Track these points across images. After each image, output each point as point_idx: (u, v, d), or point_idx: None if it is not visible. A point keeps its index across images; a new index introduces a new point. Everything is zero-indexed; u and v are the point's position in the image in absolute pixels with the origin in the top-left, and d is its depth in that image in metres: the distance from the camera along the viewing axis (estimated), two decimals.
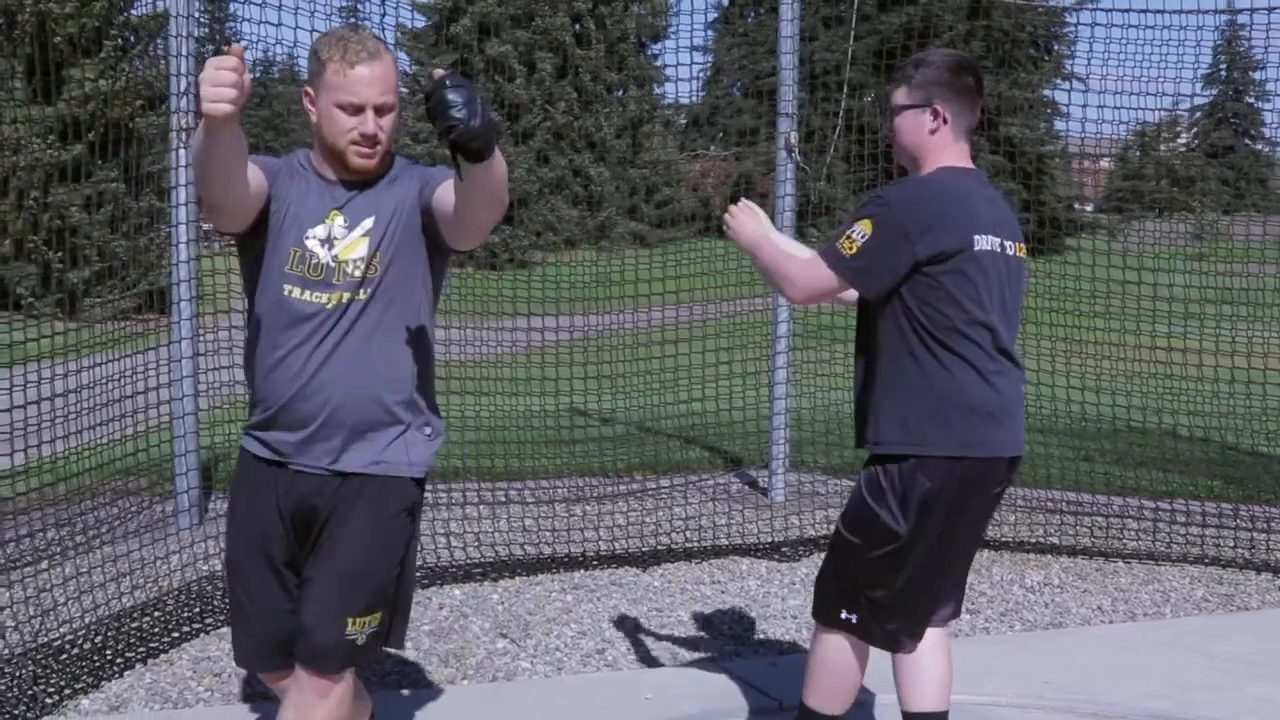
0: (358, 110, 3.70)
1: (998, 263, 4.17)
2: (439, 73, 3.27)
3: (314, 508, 3.85)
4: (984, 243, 4.12)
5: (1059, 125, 28.62)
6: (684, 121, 28.35)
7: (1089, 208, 27.28)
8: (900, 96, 4.26)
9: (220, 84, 3.23)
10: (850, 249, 4.09)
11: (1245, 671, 5.94)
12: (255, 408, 3.91)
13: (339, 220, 3.81)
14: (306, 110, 3.79)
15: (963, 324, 4.10)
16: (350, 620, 3.81)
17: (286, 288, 3.79)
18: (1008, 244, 4.20)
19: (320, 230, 3.81)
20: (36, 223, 14.26)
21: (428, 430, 3.96)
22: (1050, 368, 9.63)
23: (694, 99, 30.07)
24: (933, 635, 4.44)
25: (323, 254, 3.78)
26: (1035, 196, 24.47)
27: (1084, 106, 9.94)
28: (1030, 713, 5.46)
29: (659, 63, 31.63)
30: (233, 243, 4.00)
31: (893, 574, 4.22)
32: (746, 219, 4.48)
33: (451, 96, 3.21)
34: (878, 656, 4.44)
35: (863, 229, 4.08)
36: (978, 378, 4.13)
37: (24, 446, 6.50)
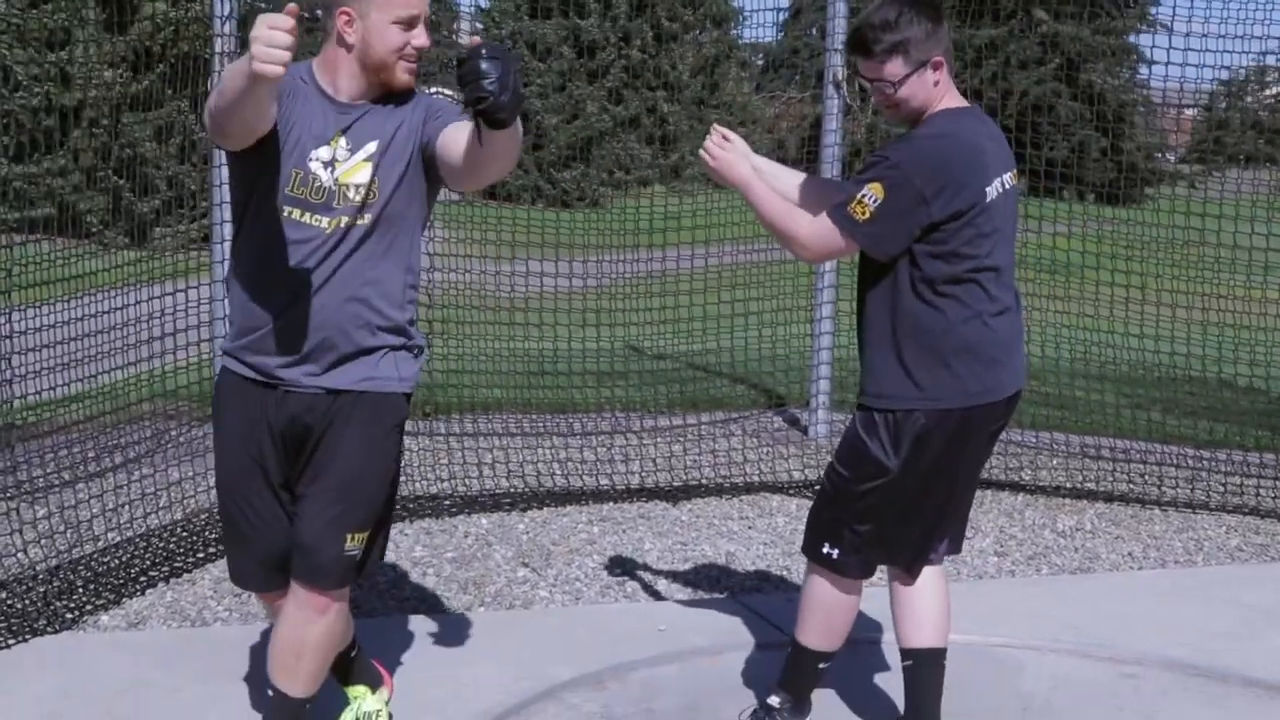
0: (413, 23, 3.73)
1: (1004, 202, 4.13)
2: (475, 39, 3.30)
3: (306, 426, 3.88)
4: (994, 191, 4.07)
5: (1142, 72, 28.26)
6: (760, 62, 28.17)
7: (1171, 158, 26.90)
8: (896, 68, 4.09)
9: (274, 44, 3.19)
10: (863, 214, 4.02)
11: (1270, 621, 5.89)
12: (241, 329, 3.91)
13: (342, 142, 3.81)
14: (340, 30, 3.74)
15: (967, 272, 4.07)
16: (349, 536, 3.87)
17: (287, 209, 3.79)
18: (1006, 178, 4.15)
19: (324, 152, 3.80)
20: (108, 152, 14.36)
21: (415, 347, 4.01)
22: (1110, 314, 9.54)
23: (771, 40, 29.87)
24: (929, 572, 4.42)
25: (325, 176, 3.79)
26: (1114, 143, 24.16)
27: (1177, 50, 9.64)
28: (1045, 655, 5.43)
29: (737, 2, 31.43)
30: (223, 161, 4.02)
31: (880, 509, 4.21)
32: (730, 156, 4.34)
33: (485, 67, 3.23)
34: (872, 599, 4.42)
35: (874, 193, 4.01)
36: (980, 324, 4.10)
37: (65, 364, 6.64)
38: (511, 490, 7.63)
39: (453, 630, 5.40)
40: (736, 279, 10.14)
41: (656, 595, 6.21)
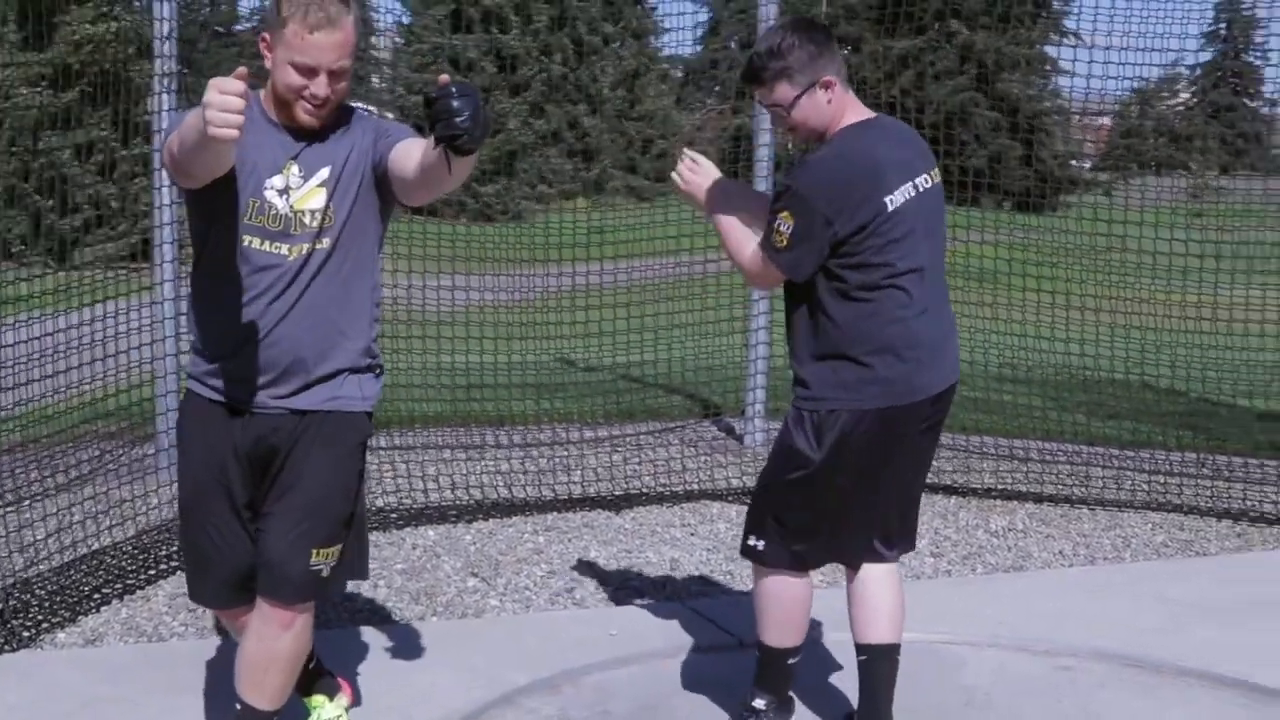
0: (311, 72, 3.75)
1: (917, 205, 4.28)
2: (444, 78, 3.37)
3: (272, 446, 3.96)
4: (899, 198, 4.22)
5: (1056, 82, 28.73)
6: (681, 74, 28.39)
7: (1087, 165, 27.37)
8: (786, 92, 4.25)
9: (229, 109, 3.26)
10: (781, 242, 4.20)
11: (1197, 615, 6.08)
12: (207, 355, 3.99)
13: (294, 170, 3.88)
14: (262, 54, 3.84)
15: (884, 278, 4.23)
16: (315, 551, 3.95)
17: (246, 239, 3.86)
18: (920, 180, 4.30)
19: (278, 180, 3.87)
20: (28, 170, 14.34)
21: (377, 367, 4.12)
22: (1036, 319, 9.80)
23: (691, 52, 30.08)
24: (882, 570, 4.57)
25: (280, 204, 3.85)
26: (1032, 153, 24.56)
27: (1083, 62, 9.95)
28: (984, 651, 5.60)
29: (657, 15, 31.64)
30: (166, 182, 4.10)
31: (803, 502, 4.39)
32: (700, 180, 4.48)
33: (457, 105, 3.32)
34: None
35: (785, 221, 4.19)
36: (901, 326, 4.26)
37: (12, 385, 6.66)
38: (457, 502, 7.74)
39: (407, 640, 5.50)
40: (664, 292, 10.29)
41: (605, 602, 6.33)
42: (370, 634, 5.62)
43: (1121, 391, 10.42)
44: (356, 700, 4.79)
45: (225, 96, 3.26)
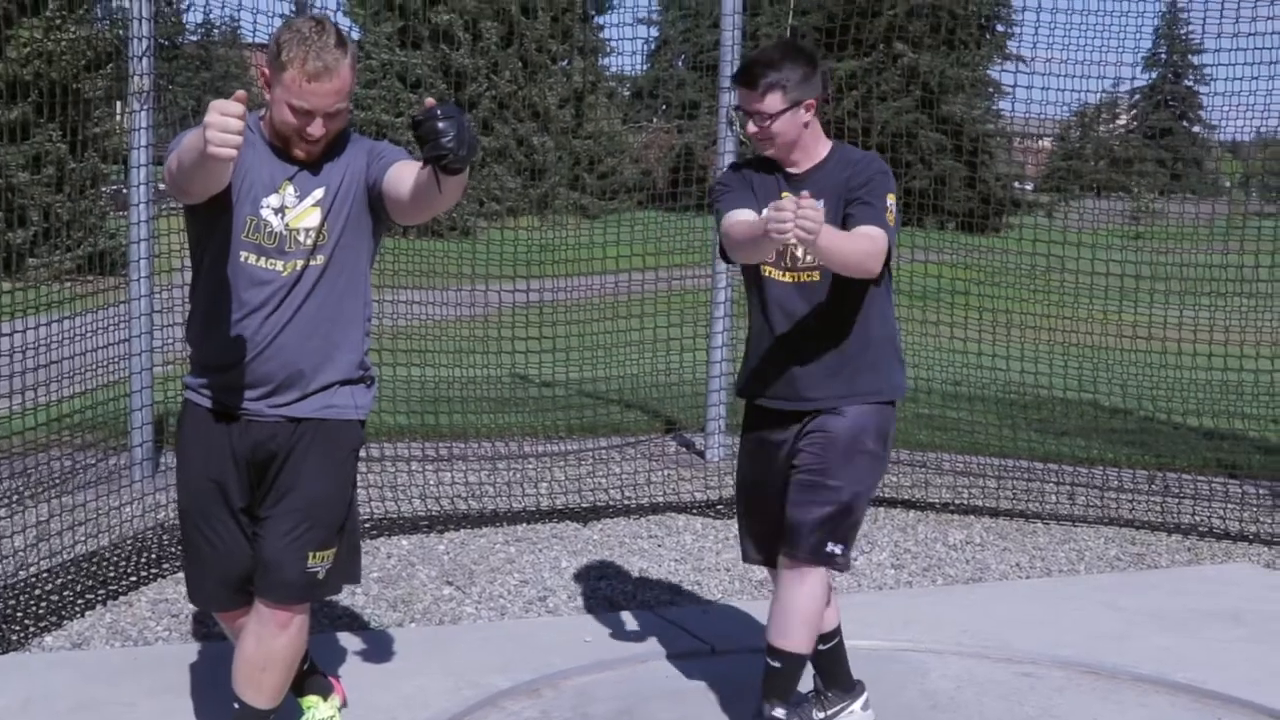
0: (307, 115, 3.90)
1: None
2: (430, 102, 3.53)
3: (270, 452, 4.12)
4: None
5: (1001, 105, 29.08)
6: (628, 93, 28.53)
7: (1029, 187, 27.74)
8: (774, 103, 4.43)
9: (228, 130, 3.43)
10: (891, 220, 4.42)
11: (1150, 623, 6.29)
12: (205, 366, 4.16)
13: (290, 190, 4.03)
14: (261, 85, 3.99)
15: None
16: (311, 554, 4.11)
17: (243, 255, 4.01)
18: None
19: (274, 199, 4.02)
20: None
21: (368, 378, 4.28)
22: (978, 338, 10.04)
23: (638, 71, 30.22)
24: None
25: (276, 222, 4.01)
26: (975, 174, 24.84)
27: (1027, 87, 10.22)
28: (946, 658, 5.77)
29: (604, 34, 31.82)
30: (179, 207, 4.26)
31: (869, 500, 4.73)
32: (816, 215, 4.04)
33: (443, 126, 3.48)
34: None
35: (891, 199, 4.44)
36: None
37: None
38: (428, 513, 7.89)
39: (389, 646, 5.64)
40: (614, 309, 10.43)
41: (578, 610, 6.49)
42: (352, 639, 5.75)
43: (1071, 409, 10.68)
44: (346, 702, 4.94)
45: (225, 118, 3.43)
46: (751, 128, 4.53)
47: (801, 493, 4.53)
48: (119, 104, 7.81)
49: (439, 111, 3.51)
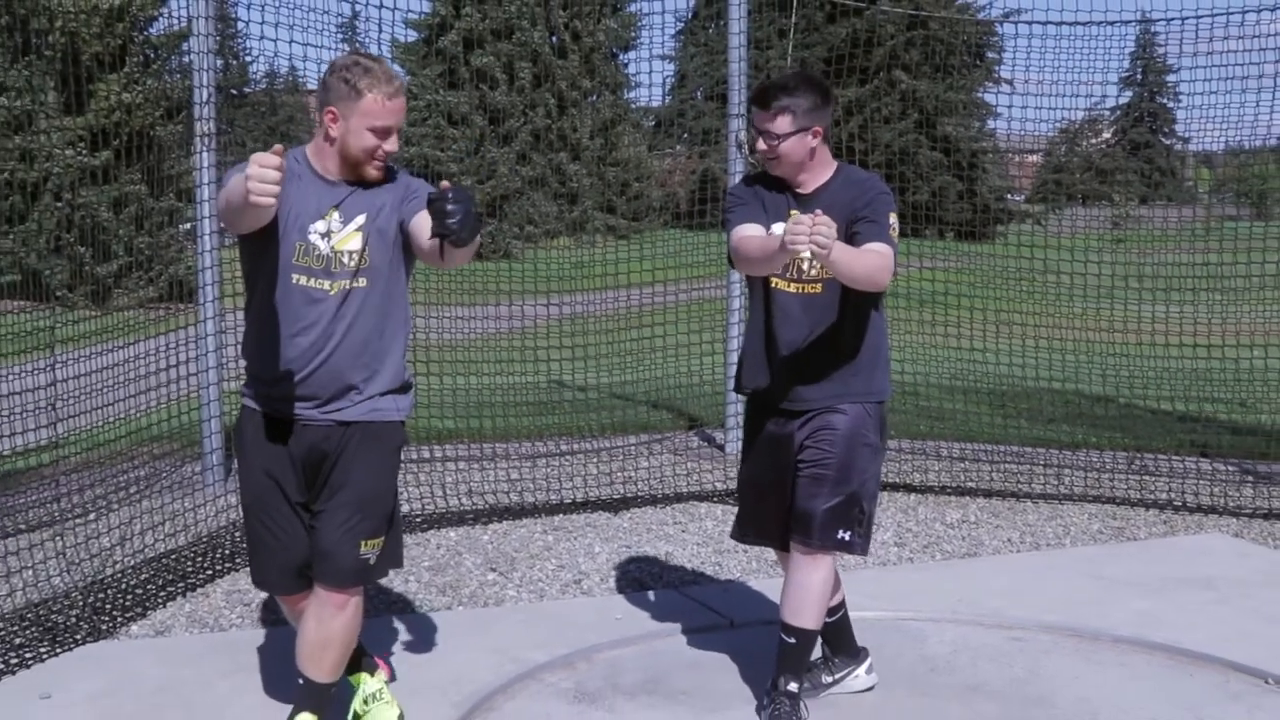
0: (386, 133, 4.05)
1: None
2: (445, 185, 3.70)
3: (323, 452, 4.19)
4: None
5: (991, 124, 29.02)
6: (652, 123, 28.61)
7: (1020, 198, 27.64)
8: (785, 124, 4.45)
9: (266, 180, 3.58)
10: (894, 235, 4.46)
11: (1129, 590, 6.30)
12: (261, 380, 4.24)
13: (335, 216, 4.11)
14: (326, 124, 4.06)
15: None
16: (363, 542, 4.18)
17: (295, 277, 4.09)
18: None
19: (320, 225, 4.10)
20: (70, 221, 14.53)
21: (408, 385, 4.35)
22: (973, 335, 10.04)
23: (661, 103, 30.31)
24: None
25: (323, 245, 4.09)
26: (969, 188, 24.83)
27: (1013, 107, 10.24)
28: (943, 625, 5.79)
29: (629, 70, 31.90)
30: (234, 239, 4.36)
31: (877, 485, 4.78)
32: (830, 231, 4.05)
33: (451, 208, 3.65)
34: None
35: (894, 219, 4.48)
36: None
37: (65, 417, 6.84)
38: (474, 507, 7.93)
39: (439, 626, 5.69)
40: (642, 319, 10.47)
41: (609, 591, 6.52)
42: (406, 621, 5.81)
43: (1058, 399, 10.66)
44: (393, 677, 4.99)
45: (264, 170, 3.57)
46: (762, 145, 4.54)
47: (812, 485, 4.55)
48: (190, 148, 7.84)
49: (450, 195, 3.67)
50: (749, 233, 4.53)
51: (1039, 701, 4.97)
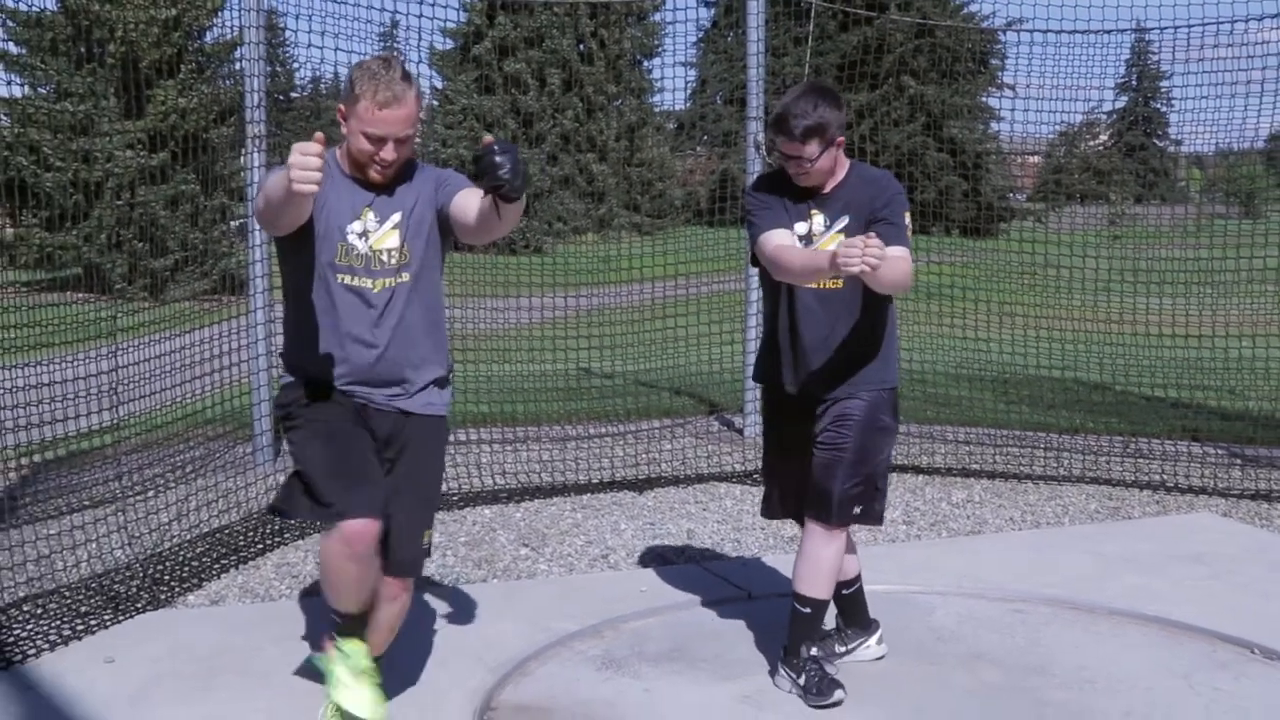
0: (380, 141, 3.88)
1: None
2: (487, 139, 3.52)
3: (388, 433, 4.12)
4: None
5: (994, 127, 28.91)
6: (674, 126, 28.57)
7: (1022, 197, 27.52)
8: (815, 148, 4.34)
9: (308, 168, 3.40)
10: (910, 237, 4.46)
11: (1124, 565, 6.29)
12: (311, 369, 4.08)
13: (370, 215, 4.01)
14: (340, 120, 3.98)
15: None
16: (424, 534, 4.20)
17: (339, 277, 3.99)
18: None
19: (357, 225, 4.00)
20: (128, 219, 14.58)
21: (449, 377, 4.32)
22: (977, 326, 10.02)
23: (683, 107, 30.26)
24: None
25: (361, 245, 3.99)
26: (974, 187, 24.73)
27: (1015, 111, 10.24)
28: (949, 598, 5.79)
29: (652, 76, 31.87)
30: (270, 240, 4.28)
31: (888, 463, 4.78)
32: (880, 253, 3.99)
33: (500, 159, 3.46)
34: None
35: (908, 219, 4.46)
36: None
37: (125, 401, 6.89)
38: (507, 486, 7.96)
39: (474, 598, 5.70)
40: (664, 310, 10.48)
41: (635, 565, 6.54)
42: (444, 593, 5.83)
43: (1057, 386, 10.64)
44: (441, 642, 5.00)
45: (305, 157, 3.42)
46: (792, 169, 4.44)
47: (830, 467, 4.54)
48: (241, 149, 7.87)
49: (496, 147, 3.49)
50: (782, 240, 4.44)
51: (1039, 669, 4.97)
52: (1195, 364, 10.50)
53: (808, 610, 4.65)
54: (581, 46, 31.25)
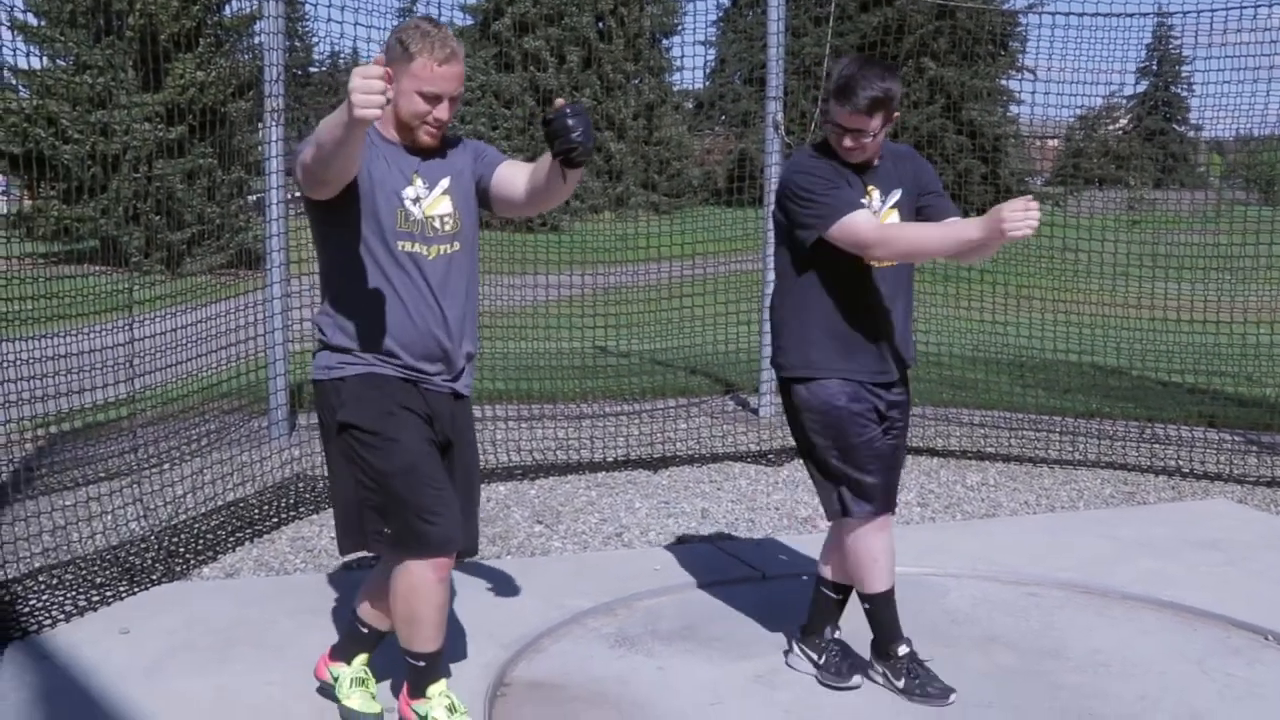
0: (436, 100, 3.75)
1: None
2: (559, 102, 3.43)
3: (442, 416, 3.95)
4: None
5: (1014, 110, 28.82)
6: (692, 105, 28.54)
7: (1041, 180, 27.44)
8: (879, 122, 4.19)
9: (371, 91, 3.18)
10: None
11: (1139, 550, 6.28)
12: (374, 351, 3.86)
13: (420, 182, 3.86)
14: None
15: None
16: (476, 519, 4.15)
17: (400, 244, 3.79)
18: None
19: (410, 191, 3.83)
20: (146, 192, 14.61)
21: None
22: (994, 309, 9.99)
23: (701, 86, 30.22)
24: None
25: (415, 211, 3.83)
26: (993, 170, 24.65)
27: (1035, 94, 10.26)
28: (965, 581, 5.79)
29: (671, 55, 31.78)
30: (302, 209, 4.10)
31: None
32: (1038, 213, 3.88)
33: (573, 123, 3.40)
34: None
35: None
36: None
37: (141, 374, 6.91)
38: (522, 463, 7.96)
39: (489, 574, 5.71)
40: (679, 290, 10.47)
41: (648, 544, 6.54)
42: (459, 569, 5.79)
43: (1074, 370, 10.62)
44: (455, 617, 5.00)
45: (368, 80, 3.19)
46: (848, 142, 4.24)
47: (901, 453, 4.61)
48: (259, 124, 7.86)
49: (569, 110, 3.43)
50: (868, 218, 4.21)
51: (1053, 653, 4.97)
52: (1213, 350, 10.48)
53: (866, 606, 4.60)
54: (601, 24, 31.20)
